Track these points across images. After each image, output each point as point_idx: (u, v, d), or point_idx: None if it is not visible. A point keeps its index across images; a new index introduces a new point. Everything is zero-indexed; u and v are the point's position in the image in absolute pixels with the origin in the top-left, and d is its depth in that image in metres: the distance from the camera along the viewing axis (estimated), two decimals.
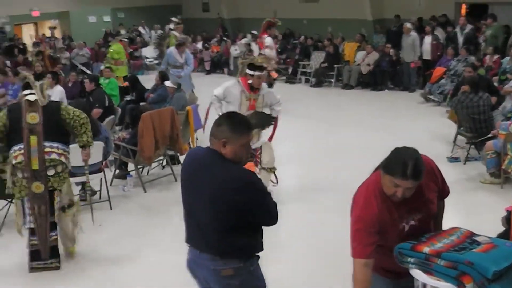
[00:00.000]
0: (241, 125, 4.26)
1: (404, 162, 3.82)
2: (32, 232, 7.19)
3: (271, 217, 4.35)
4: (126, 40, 19.99)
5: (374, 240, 4.02)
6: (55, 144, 7.13)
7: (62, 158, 7.18)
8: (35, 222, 7.09)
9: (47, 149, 7.01)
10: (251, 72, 8.78)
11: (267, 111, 9.21)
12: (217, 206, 4.12)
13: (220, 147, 4.19)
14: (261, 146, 9.18)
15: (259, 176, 8.05)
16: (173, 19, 19.44)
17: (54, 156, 7.08)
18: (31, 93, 7.14)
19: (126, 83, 16.12)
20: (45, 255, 7.27)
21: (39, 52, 21.62)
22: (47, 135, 7.02)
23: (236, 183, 4.12)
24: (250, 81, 8.83)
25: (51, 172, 7.06)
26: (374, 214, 4.00)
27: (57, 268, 7.37)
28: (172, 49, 16.11)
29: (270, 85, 14.67)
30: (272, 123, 9.02)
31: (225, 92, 8.97)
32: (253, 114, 8.60)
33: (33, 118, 6.95)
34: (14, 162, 6.91)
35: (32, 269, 7.32)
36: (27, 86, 7.32)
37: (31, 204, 7.01)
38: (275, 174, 9.38)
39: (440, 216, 4.53)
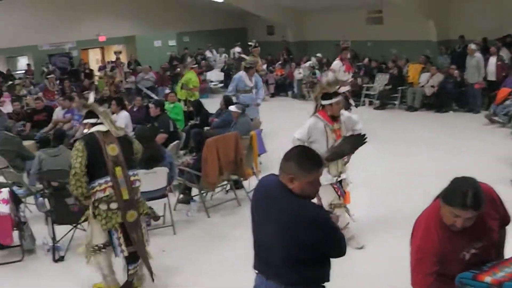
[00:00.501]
0: (310, 163, 4.16)
1: (464, 193, 3.79)
2: (127, 261, 7.24)
3: (339, 251, 4.29)
4: (196, 65, 20.07)
5: (435, 269, 4.02)
6: (136, 172, 7.25)
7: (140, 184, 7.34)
8: (137, 249, 7.16)
9: (132, 178, 7.08)
10: (327, 102, 8.29)
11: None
12: (284, 240, 4.10)
13: (288, 182, 4.13)
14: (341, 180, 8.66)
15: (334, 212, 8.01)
16: (250, 42, 19.52)
17: (138, 184, 7.20)
18: (98, 123, 7.23)
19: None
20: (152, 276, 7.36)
21: (111, 76, 22.12)
22: (128, 164, 7.09)
23: (303, 219, 4.05)
24: (329, 113, 8.33)
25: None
26: (435, 244, 4.01)
27: None
28: (241, 73, 15.89)
29: (348, 107, 14.48)
30: (365, 140, 8.26)
31: (309, 132, 8.35)
32: (343, 141, 8.27)
33: (113, 149, 6.97)
34: (102, 195, 6.88)
35: None
36: (90, 113, 7.39)
37: (127, 234, 7.04)
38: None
39: (502, 244, 4.46)
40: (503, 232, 4.44)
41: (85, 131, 7.37)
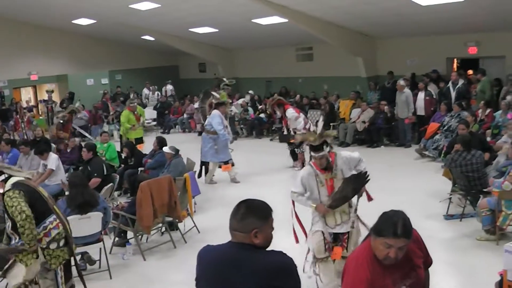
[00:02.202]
0: (264, 209, 4.10)
1: (394, 222, 4.00)
2: None
3: None
4: (134, 104, 19.66)
5: None
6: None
7: None
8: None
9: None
10: (312, 154, 7.79)
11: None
12: None
13: (253, 239, 3.98)
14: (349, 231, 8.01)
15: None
16: (224, 79, 19.26)
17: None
18: (8, 176, 7.15)
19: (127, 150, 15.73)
20: None
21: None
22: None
23: (274, 268, 3.90)
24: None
25: None
26: (367, 280, 4.11)
27: None
28: (217, 113, 15.64)
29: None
30: (368, 179, 7.73)
31: (303, 184, 7.90)
32: (344, 183, 7.71)
33: (43, 191, 7.11)
34: (56, 232, 6.89)
35: None
36: None
37: (63, 271, 7.06)
38: None
39: (427, 285, 4.67)
40: (427, 274, 4.63)
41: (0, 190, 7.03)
